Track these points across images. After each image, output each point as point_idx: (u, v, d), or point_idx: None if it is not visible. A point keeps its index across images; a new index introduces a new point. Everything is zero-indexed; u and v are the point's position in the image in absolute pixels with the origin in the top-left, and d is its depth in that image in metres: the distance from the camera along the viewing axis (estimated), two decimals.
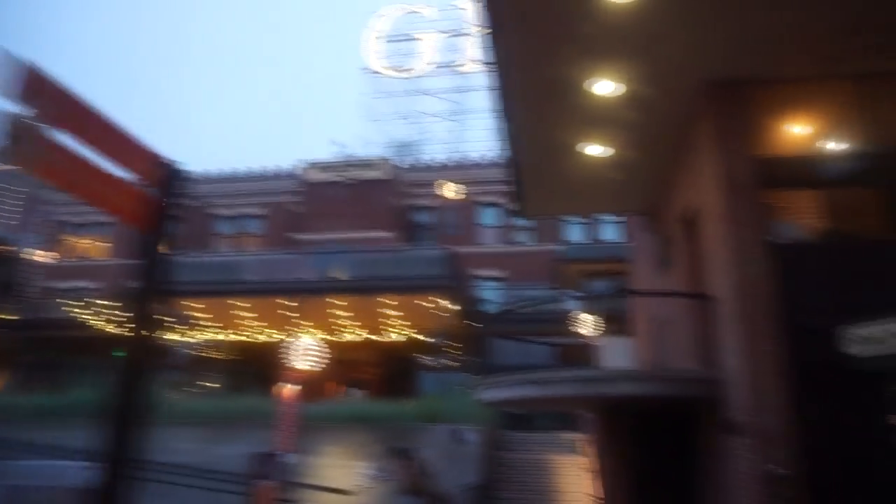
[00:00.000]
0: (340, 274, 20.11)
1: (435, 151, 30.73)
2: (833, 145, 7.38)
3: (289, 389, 11.56)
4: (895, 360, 5.81)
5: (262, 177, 30.58)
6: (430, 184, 27.41)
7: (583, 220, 24.83)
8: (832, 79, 7.19)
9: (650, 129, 8.31)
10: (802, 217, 7.43)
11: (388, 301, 19.55)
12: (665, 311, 9.72)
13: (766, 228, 6.74)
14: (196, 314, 21.74)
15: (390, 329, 21.43)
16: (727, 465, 6.72)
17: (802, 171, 7.25)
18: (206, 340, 23.37)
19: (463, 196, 26.55)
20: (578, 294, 20.76)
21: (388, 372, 22.31)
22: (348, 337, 21.90)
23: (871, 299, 6.19)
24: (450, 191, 26.33)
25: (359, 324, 21.42)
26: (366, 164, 28.29)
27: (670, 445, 8.38)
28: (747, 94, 7.24)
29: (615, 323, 13.56)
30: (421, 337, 20.91)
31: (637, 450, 8.55)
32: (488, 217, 26.81)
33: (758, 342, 6.33)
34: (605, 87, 7.36)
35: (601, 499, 9.83)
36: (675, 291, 8.46)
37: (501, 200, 25.75)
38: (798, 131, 7.45)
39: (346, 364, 21.59)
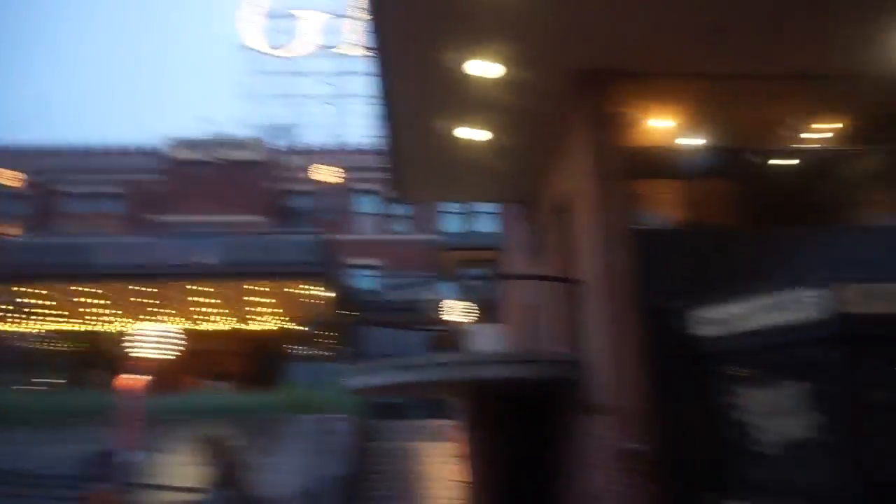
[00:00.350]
0: (206, 259, 18.82)
1: (313, 135, 29.75)
2: (692, 140, 7.82)
3: (134, 381, 10.49)
4: (736, 340, 6.24)
5: (122, 152, 27.97)
6: (306, 168, 26.44)
7: (459, 211, 25.10)
8: (693, 77, 7.58)
9: (527, 117, 8.38)
10: (664, 206, 7.81)
11: (257, 288, 18.58)
12: (536, 298, 9.93)
13: (631, 216, 6.99)
14: (35, 301, 19.45)
15: (259, 317, 20.42)
16: (588, 443, 6.91)
17: (665, 163, 7.62)
18: (48, 331, 21.00)
19: (340, 182, 25.89)
20: (453, 282, 20.94)
21: (257, 362, 21.25)
22: (213, 326, 20.59)
23: (719, 283, 6.60)
24: (327, 176, 25.56)
25: (225, 312, 20.20)
26: (238, 144, 26.75)
27: (536, 427, 8.53)
28: (618, 86, 7.45)
29: (488, 311, 13.72)
30: (292, 326, 20.11)
31: (504, 433, 8.64)
32: (366, 204, 26.35)
33: (619, 324, 6.54)
34: (484, 68, 7.28)
35: (469, 483, 9.86)
36: (545, 275, 8.61)
37: (380, 188, 25.38)
38: (662, 125, 7.80)
39: (210, 354, 20.32)
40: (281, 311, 19.89)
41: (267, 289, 18.61)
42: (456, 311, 14.04)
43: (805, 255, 6.81)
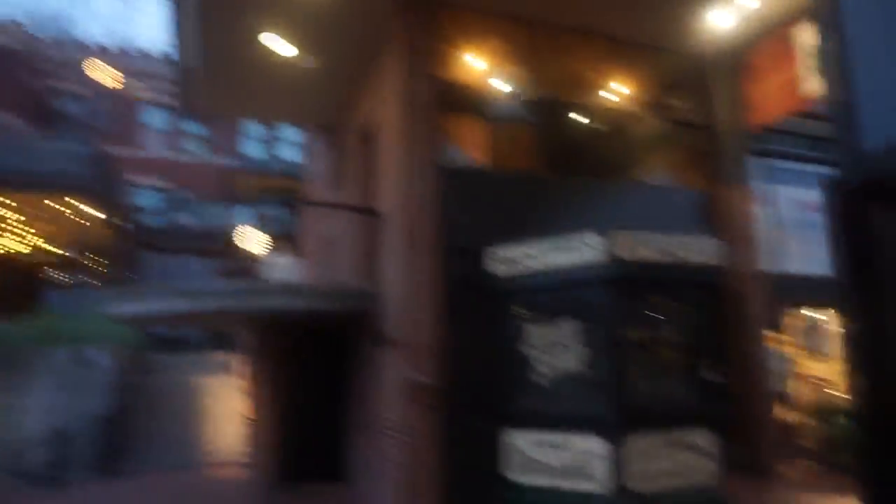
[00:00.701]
0: None
1: (91, 31, 25.48)
2: (504, 83, 7.87)
3: None
4: (524, 278, 6.53)
5: None
6: (81, 67, 22.61)
7: (262, 136, 23.44)
8: (511, 19, 7.60)
9: (338, 34, 7.79)
10: (470, 145, 7.82)
11: (5, 200, 15.64)
12: (335, 230, 9.56)
13: (438, 150, 6.88)
14: None
15: (10, 236, 17.33)
16: (379, 376, 6.86)
17: (476, 102, 7.57)
18: None
19: (123, 88, 22.59)
20: (250, 210, 19.68)
21: (5, 287, 18.16)
22: None
23: (515, 224, 6.82)
24: (107, 79, 22.09)
25: None
26: None
27: (328, 361, 8.32)
28: (437, 17, 7.21)
29: (286, 242, 13.09)
30: (54, 247, 17.40)
31: (295, 366, 8.31)
32: (154, 118, 23.38)
33: (416, 258, 6.47)
34: None
35: (256, 419, 9.41)
36: (346, 205, 8.26)
37: (171, 101, 22.71)
38: (477, 63, 7.72)
39: None
40: (37, 229, 17.05)
41: (18, 203, 15.74)
42: (251, 240, 13.20)
43: (594, 204, 7.31)
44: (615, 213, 7.15)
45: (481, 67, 7.86)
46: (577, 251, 6.24)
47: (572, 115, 8.62)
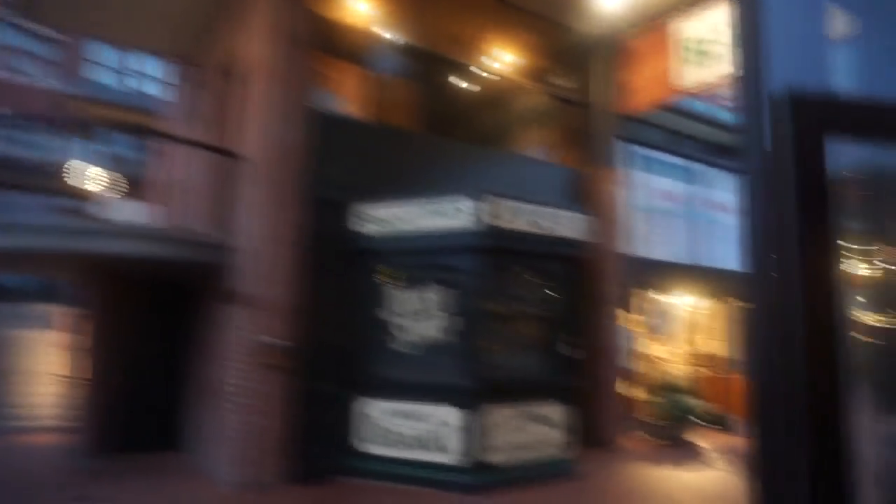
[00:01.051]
0: None
1: None
2: (387, 32, 7.41)
3: None
4: (394, 240, 6.24)
5: None
6: None
7: (114, 66, 20.94)
8: None
9: None
10: (346, 92, 7.32)
11: None
12: (189, 176, 8.64)
13: (310, 94, 6.32)
14: None
15: None
16: (227, 334, 6.26)
17: (356, 46, 7.07)
18: None
19: None
20: (92, 144, 17.57)
21: None
22: None
23: (388, 183, 6.47)
24: None
25: None
26: None
27: (168, 316, 7.53)
28: None
29: (133, 184, 11.78)
30: None
31: (129, 321, 7.43)
32: None
33: (277, 209, 5.94)
34: None
35: (83, 378, 8.35)
36: (200, 143, 7.41)
37: (7, 14, 19.56)
38: (360, 4, 7.19)
39: None
40: None
41: None
42: (92, 178, 11.72)
43: (467, 169, 7.12)
44: (487, 180, 7.01)
45: (364, 10, 7.35)
46: (448, 216, 6.04)
47: (454, 75, 8.38)
